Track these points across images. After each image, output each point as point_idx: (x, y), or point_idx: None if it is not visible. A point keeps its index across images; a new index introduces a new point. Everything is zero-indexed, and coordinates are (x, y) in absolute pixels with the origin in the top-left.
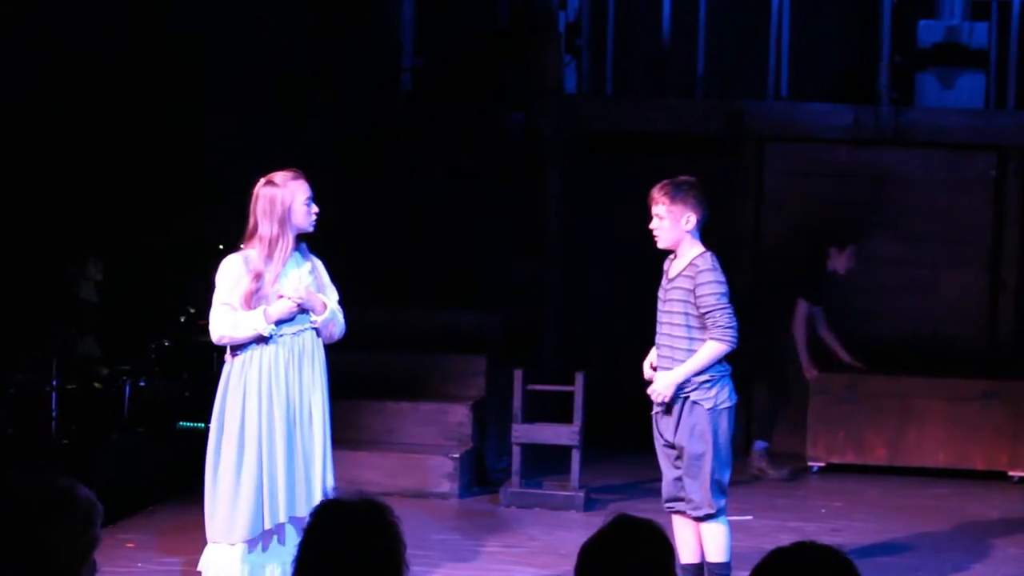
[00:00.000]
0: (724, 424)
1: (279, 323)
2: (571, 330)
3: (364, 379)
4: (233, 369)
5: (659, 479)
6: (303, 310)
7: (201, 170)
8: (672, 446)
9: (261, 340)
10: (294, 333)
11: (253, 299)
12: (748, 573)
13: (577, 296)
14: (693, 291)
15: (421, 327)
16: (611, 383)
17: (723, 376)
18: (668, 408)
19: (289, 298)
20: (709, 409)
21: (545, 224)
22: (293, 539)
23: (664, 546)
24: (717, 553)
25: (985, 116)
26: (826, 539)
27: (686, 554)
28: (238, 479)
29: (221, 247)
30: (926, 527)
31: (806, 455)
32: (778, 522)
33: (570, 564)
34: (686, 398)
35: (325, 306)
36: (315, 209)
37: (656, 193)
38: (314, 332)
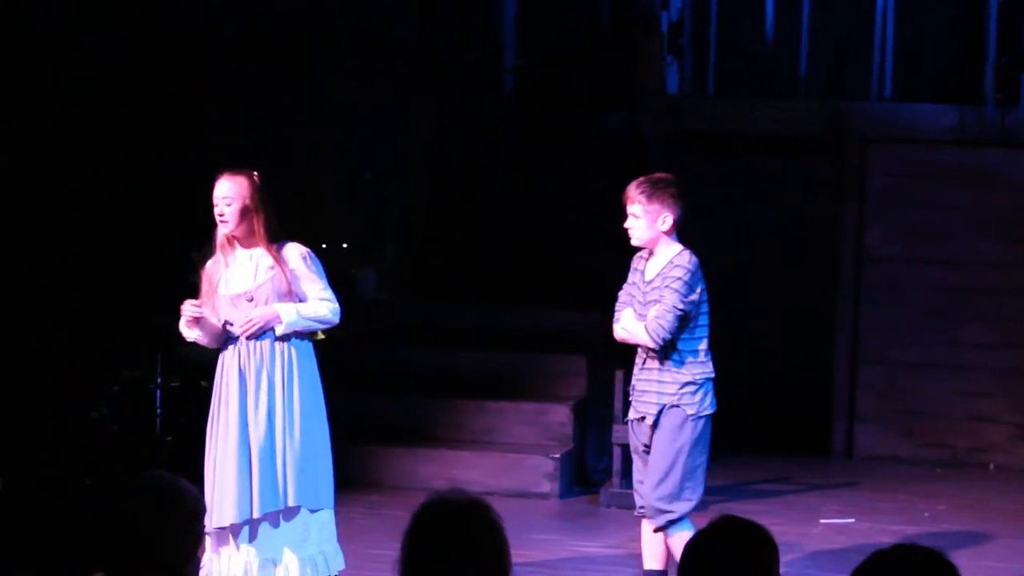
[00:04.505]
0: (703, 431)
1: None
2: None
3: (464, 379)
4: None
5: (761, 480)
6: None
7: (302, 169)
8: (649, 450)
9: (227, 343)
10: (248, 339)
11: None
12: (848, 575)
13: None
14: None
15: (521, 327)
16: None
17: (708, 381)
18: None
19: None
20: (691, 415)
21: None
22: (245, 541)
23: (769, 547)
24: (664, 560)
25: None
26: (927, 543)
27: (651, 560)
28: (202, 479)
29: (324, 246)
30: None
31: None
32: (880, 525)
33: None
34: (667, 404)
35: (277, 318)
36: (218, 210)
37: (632, 191)
38: (279, 340)
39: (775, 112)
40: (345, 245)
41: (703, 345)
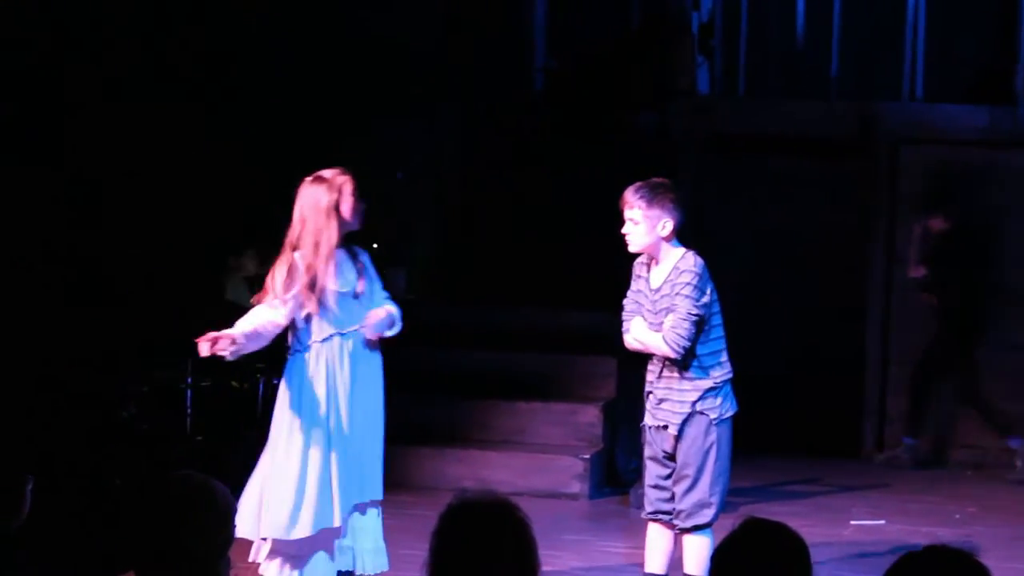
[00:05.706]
0: (726, 434)
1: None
2: None
3: (494, 379)
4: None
5: (790, 482)
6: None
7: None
8: (671, 457)
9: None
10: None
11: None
12: None
13: None
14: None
15: (551, 327)
16: (739, 385)
17: (726, 383)
18: (674, 425)
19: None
20: (713, 419)
21: None
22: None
23: (798, 547)
24: (699, 566)
25: None
26: (958, 545)
27: (654, 563)
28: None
29: (354, 246)
30: None
31: None
32: (910, 527)
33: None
34: (689, 412)
35: (394, 320)
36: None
37: (631, 196)
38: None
39: (805, 113)
40: (376, 245)
41: (720, 347)
